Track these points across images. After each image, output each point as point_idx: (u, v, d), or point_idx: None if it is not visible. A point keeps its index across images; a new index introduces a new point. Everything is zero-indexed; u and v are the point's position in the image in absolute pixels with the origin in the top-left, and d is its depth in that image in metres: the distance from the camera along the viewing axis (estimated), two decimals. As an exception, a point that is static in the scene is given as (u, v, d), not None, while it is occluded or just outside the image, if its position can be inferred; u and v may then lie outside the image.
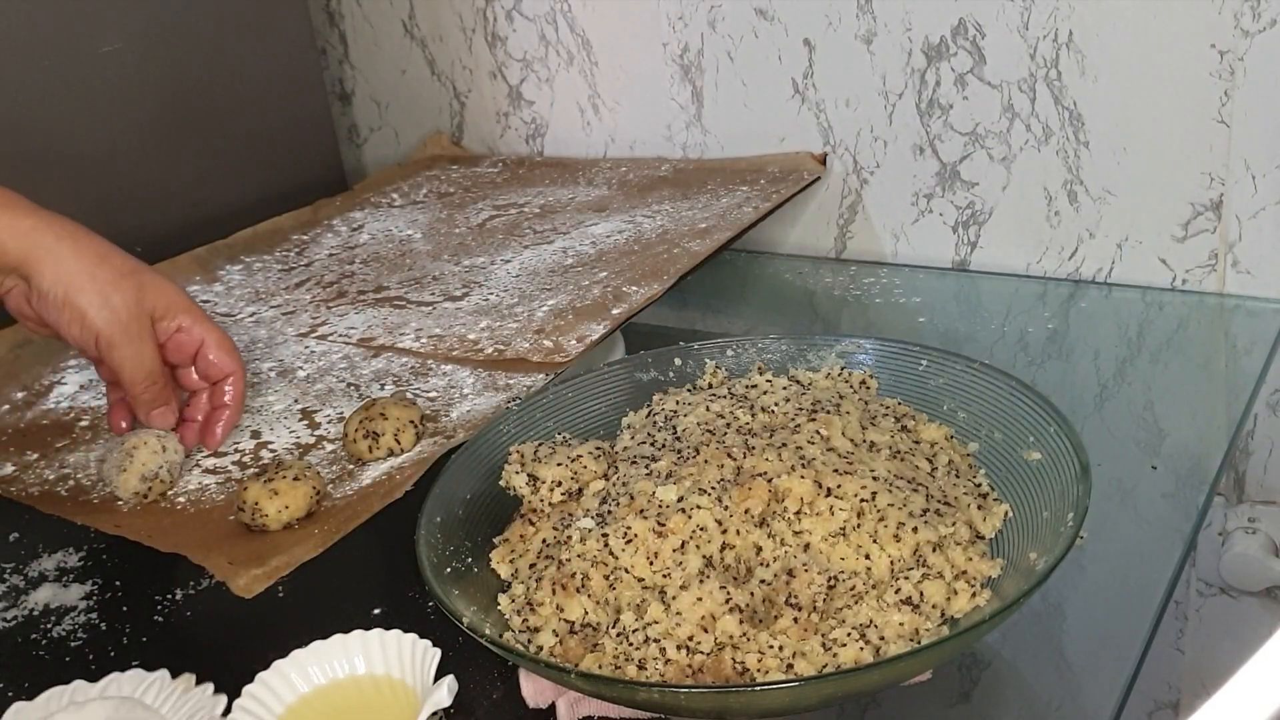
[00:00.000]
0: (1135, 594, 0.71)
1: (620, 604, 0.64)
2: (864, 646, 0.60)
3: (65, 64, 1.12)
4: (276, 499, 0.76)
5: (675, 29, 1.21)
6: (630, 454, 0.74)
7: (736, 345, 0.84)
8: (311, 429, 0.88)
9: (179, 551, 0.75)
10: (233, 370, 0.85)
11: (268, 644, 0.69)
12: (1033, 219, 1.08)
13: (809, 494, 0.66)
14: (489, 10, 1.34)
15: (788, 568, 0.64)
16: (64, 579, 0.82)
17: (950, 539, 0.65)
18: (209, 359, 0.84)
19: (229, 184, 1.27)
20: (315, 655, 0.68)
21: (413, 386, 0.91)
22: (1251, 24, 0.93)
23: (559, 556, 0.67)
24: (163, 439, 0.83)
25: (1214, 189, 0.99)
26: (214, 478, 0.84)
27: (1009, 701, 0.67)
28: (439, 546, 0.69)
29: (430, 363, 0.93)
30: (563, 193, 1.24)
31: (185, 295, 0.84)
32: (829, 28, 1.12)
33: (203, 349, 0.84)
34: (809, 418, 0.72)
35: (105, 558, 0.84)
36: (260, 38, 1.29)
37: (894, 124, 1.12)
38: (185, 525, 0.79)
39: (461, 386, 0.90)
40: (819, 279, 1.16)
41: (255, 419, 0.90)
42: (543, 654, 0.63)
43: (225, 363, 0.85)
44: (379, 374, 0.93)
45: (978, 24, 1.04)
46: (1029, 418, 0.72)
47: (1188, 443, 0.85)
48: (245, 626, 0.74)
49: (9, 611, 0.79)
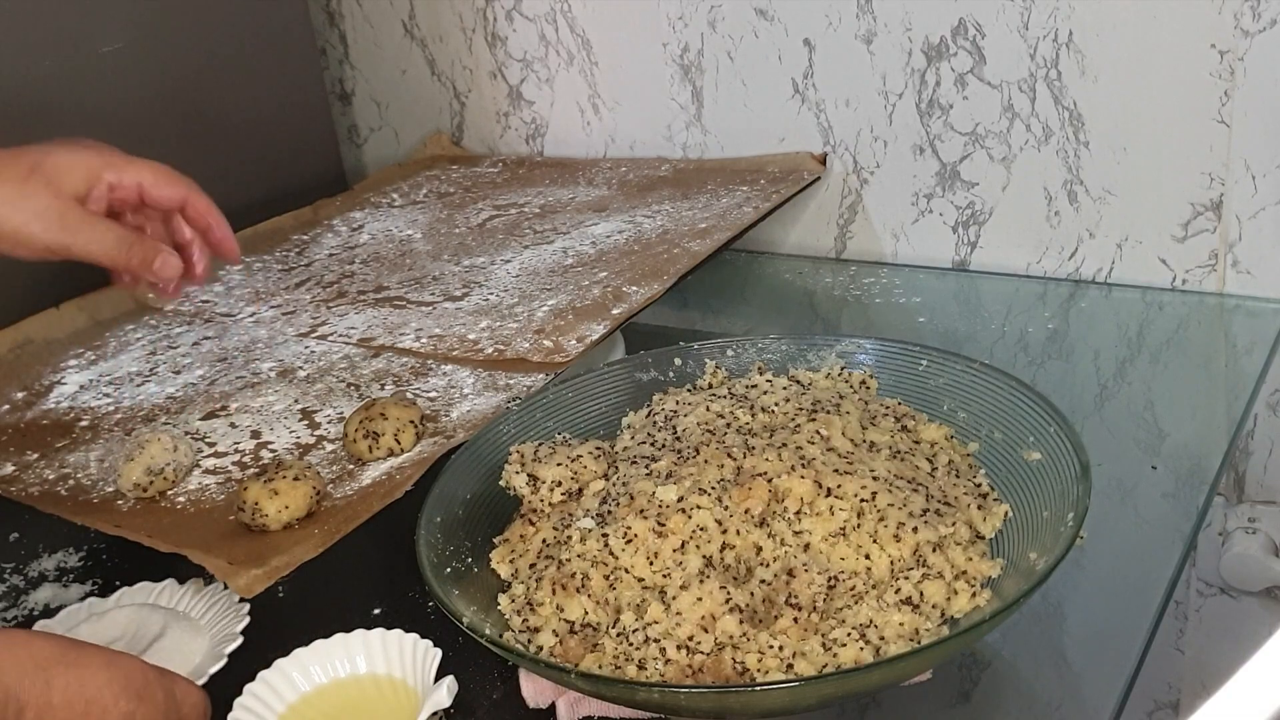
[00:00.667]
0: (1135, 594, 0.71)
1: (620, 604, 0.64)
2: (864, 646, 0.60)
3: (65, 64, 1.12)
4: (277, 499, 0.76)
5: (675, 29, 1.21)
6: (630, 454, 0.74)
7: (736, 345, 0.83)
8: (311, 429, 0.88)
9: (179, 551, 0.75)
10: (182, 195, 0.82)
11: (269, 643, 0.69)
12: (1033, 219, 1.08)
13: (809, 494, 0.66)
14: (489, 10, 1.34)
15: (788, 568, 0.64)
16: (64, 579, 0.82)
17: (950, 539, 0.65)
18: (156, 197, 0.82)
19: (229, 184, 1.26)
20: (317, 654, 0.68)
21: (413, 386, 0.91)
22: (1251, 24, 0.93)
23: (559, 556, 0.67)
24: (176, 440, 0.84)
25: (1214, 189, 0.99)
26: (214, 478, 0.84)
27: (1009, 701, 0.67)
28: (439, 546, 0.69)
29: (430, 363, 0.93)
30: (563, 193, 1.24)
31: (97, 152, 0.80)
32: (829, 28, 1.12)
33: (144, 193, 0.82)
34: (809, 418, 0.72)
35: (105, 558, 0.84)
36: (260, 38, 1.29)
37: (894, 124, 1.12)
38: (185, 525, 0.79)
39: (461, 386, 0.90)
40: (819, 279, 1.16)
41: (255, 419, 0.90)
42: (543, 654, 0.63)
43: (169, 192, 0.82)
44: (379, 374, 0.93)
45: (978, 24, 1.04)
46: (1029, 418, 0.72)
47: (1188, 443, 0.85)
48: (246, 626, 0.74)
49: (9, 611, 0.79)
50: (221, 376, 0.96)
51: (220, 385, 0.95)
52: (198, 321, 1.07)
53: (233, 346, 1.01)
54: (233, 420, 0.90)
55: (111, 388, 0.97)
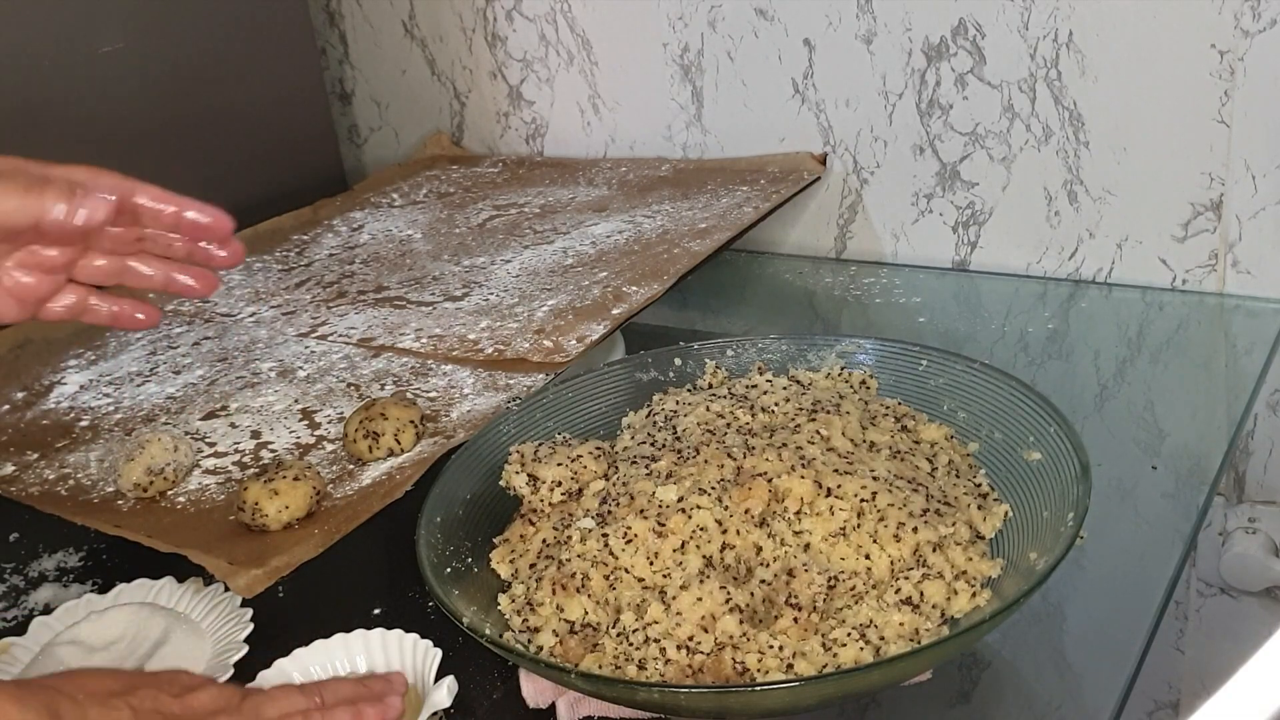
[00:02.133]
0: (1135, 594, 0.71)
1: (620, 604, 0.64)
2: (864, 646, 0.60)
3: (65, 64, 1.12)
4: (277, 499, 0.76)
5: (675, 29, 1.21)
6: (630, 454, 0.73)
7: (736, 345, 0.83)
8: (311, 429, 0.88)
9: (179, 551, 0.75)
10: (119, 184, 0.70)
11: (269, 643, 0.69)
12: (1033, 219, 1.08)
13: (809, 494, 0.66)
14: (489, 10, 1.34)
15: (788, 568, 0.64)
16: (64, 579, 0.82)
17: (950, 539, 0.65)
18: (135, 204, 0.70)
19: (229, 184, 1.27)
20: (317, 654, 0.68)
21: (413, 386, 0.91)
22: (1251, 24, 0.93)
23: (559, 556, 0.67)
24: (176, 440, 0.84)
25: (1214, 189, 0.99)
26: (214, 478, 0.84)
27: (1009, 701, 0.67)
28: (439, 546, 0.69)
29: (430, 363, 0.93)
30: (563, 193, 1.24)
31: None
32: (829, 28, 1.12)
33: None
34: (809, 418, 0.72)
35: (105, 558, 0.84)
36: (260, 38, 1.29)
37: (894, 124, 1.12)
38: (185, 525, 0.79)
39: (461, 386, 0.90)
40: (819, 279, 1.16)
41: (255, 419, 0.90)
42: (543, 654, 0.63)
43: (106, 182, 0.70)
44: (379, 374, 0.93)
45: (978, 24, 1.04)
46: (1029, 418, 0.72)
47: (1188, 443, 0.85)
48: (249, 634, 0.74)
49: (9, 611, 0.79)
50: (221, 376, 0.96)
51: (220, 385, 0.95)
52: (198, 321, 1.07)
53: (233, 346, 1.01)
54: (233, 420, 0.90)
55: (111, 388, 0.97)
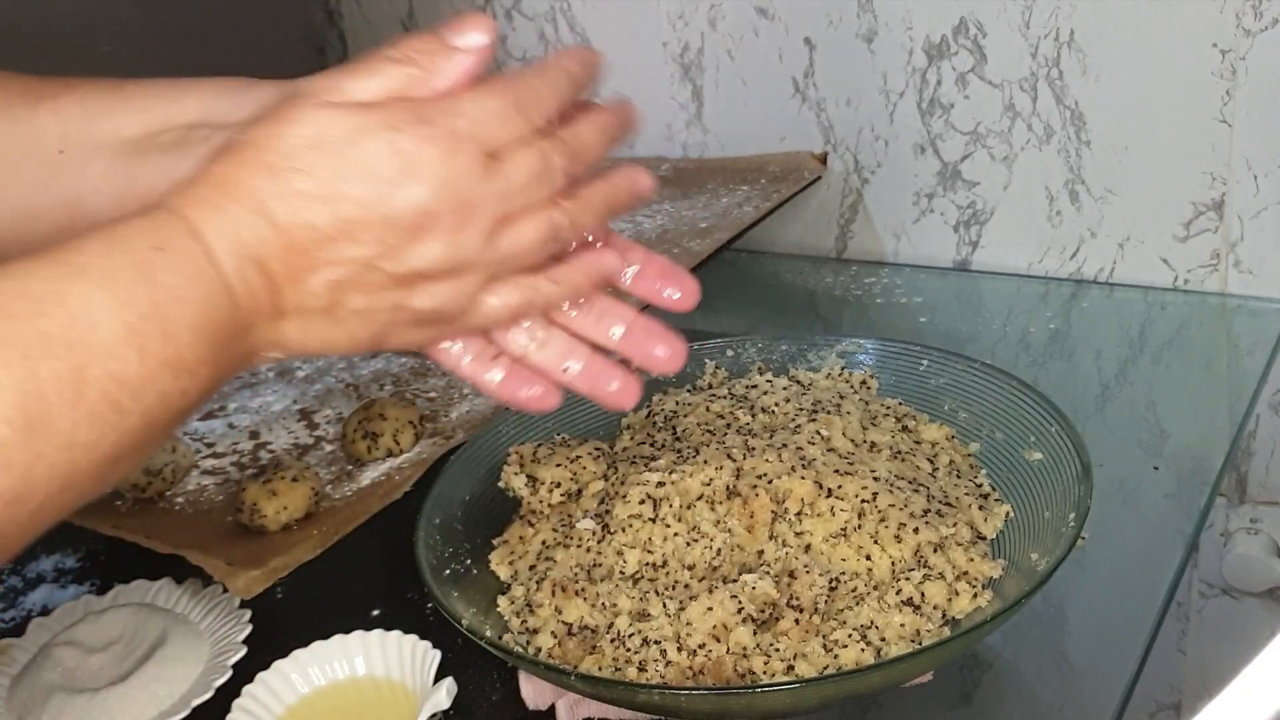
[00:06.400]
0: (1137, 595, 0.71)
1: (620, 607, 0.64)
2: (865, 648, 0.60)
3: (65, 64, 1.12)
4: (275, 500, 0.76)
5: (675, 28, 1.21)
6: (630, 454, 0.73)
7: (736, 345, 0.83)
8: (310, 429, 0.88)
9: (177, 552, 0.75)
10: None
11: (267, 644, 0.69)
12: (1034, 218, 1.08)
13: (810, 495, 0.66)
14: (488, 10, 1.33)
15: (789, 569, 0.63)
16: (62, 580, 0.82)
17: (951, 540, 0.65)
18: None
19: (228, 184, 1.27)
20: (315, 656, 0.68)
21: (412, 386, 0.90)
22: (1253, 23, 0.93)
23: (558, 558, 0.67)
24: (174, 439, 0.83)
25: (1216, 188, 0.99)
26: (212, 478, 0.84)
27: (1010, 703, 0.67)
28: (438, 548, 0.69)
29: (429, 363, 0.93)
30: (563, 192, 1.24)
31: None
32: (829, 26, 1.12)
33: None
34: (809, 418, 0.72)
35: (103, 559, 0.84)
36: (260, 38, 1.28)
37: (895, 123, 1.12)
38: (184, 526, 0.79)
39: (461, 386, 0.90)
40: (819, 279, 1.16)
41: (254, 419, 0.89)
42: (542, 656, 0.63)
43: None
44: (378, 374, 0.93)
45: (979, 23, 1.04)
46: (1030, 418, 0.71)
47: (1190, 443, 0.84)
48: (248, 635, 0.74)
49: (7, 612, 0.79)
50: (220, 377, 0.96)
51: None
52: (197, 322, 1.07)
53: (232, 347, 1.01)
54: (231, 420, 0.89)
55: (110, 388, 0.97)
